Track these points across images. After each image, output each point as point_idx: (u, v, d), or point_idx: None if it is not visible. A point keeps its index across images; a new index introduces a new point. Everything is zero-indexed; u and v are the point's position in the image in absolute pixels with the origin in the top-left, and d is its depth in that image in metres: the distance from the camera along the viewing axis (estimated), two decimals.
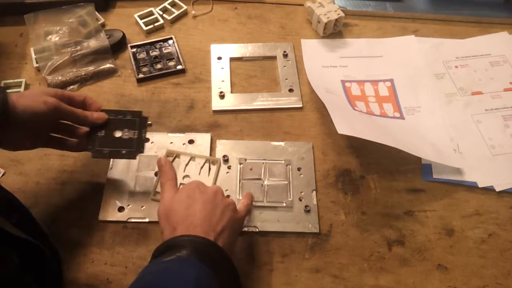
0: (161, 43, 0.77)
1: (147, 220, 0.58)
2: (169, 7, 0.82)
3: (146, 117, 0.59)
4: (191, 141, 0.65)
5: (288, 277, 0.54)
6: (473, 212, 0.60)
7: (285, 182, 0.61)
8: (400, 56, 0.76)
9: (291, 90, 0.71)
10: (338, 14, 0.76)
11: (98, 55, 0.74)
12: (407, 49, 0.77)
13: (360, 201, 0.60)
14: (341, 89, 0.71)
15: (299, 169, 0.62)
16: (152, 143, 0.64)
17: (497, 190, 0.61)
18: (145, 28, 0.78)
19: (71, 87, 0.71)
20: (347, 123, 0.61)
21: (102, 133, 0.57)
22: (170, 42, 0.77)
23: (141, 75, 0.72)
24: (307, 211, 0.58)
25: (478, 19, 0.82)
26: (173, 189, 0.51)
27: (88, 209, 0.59)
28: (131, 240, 0.56)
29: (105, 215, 0.58)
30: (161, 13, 0.81)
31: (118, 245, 0.56)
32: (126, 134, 0.57)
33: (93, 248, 0.56)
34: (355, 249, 0.56)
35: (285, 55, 0.76)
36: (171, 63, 0.74)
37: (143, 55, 0.75)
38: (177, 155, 0.63)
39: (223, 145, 0.65)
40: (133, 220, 0.58)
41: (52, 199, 0.60)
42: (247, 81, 0.73)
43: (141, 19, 0.80)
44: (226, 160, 0.63)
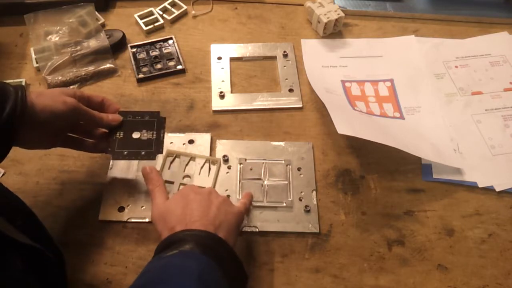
0: (161, 43, 0.77)
1: (147, 220, 0.58)
2: (169, 7, 0.82)
3: (164, 118, 0.59)
4: (191, 141, 0.65)
5: (288, 277, 0.54)
6: (473, 212, 0.60)
7: (285, 182, 0.61)
8: (400, 56, 0.76)
9: (291, 90, 0.71)
10: (338, 14, 0.76)
11: (98, 55, 0.74)
12: (407, 49, 0.77)
13: (360, 201, 0.60)
14: (341, 89, 0.71)
15: (299, 169, 0.62)
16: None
17: (497, 190, 0.61)
18: (145, 28, 0.78)
19: (71, 87, 0.71)
20: (347, 123, 0.61)
21: (120, 135, 0.57)
22: (170, 42, 0.77)
23: (141, 75, 0.72)
24: (307, 211, 0.58)
25: (478, 19, 0.82)
26: (163, 194, 0.51)
27: (88, 209, 0.59)
28: (131, 240, 0.56)
29: (105, 215, 0.58)
30: (161, 13, 0.81)
31: (118, 245, 0.56)
32: (144, 135, 0.58)
33: (93, 248, 0.56)
34: (355, 249, 0.56)
35: (285, 55, 0.76)
36: (171, 63, 0.74)
37: (143, 55, 0.75)
38: (177, 155, 0.63)
39: (223, 145, 0.65)
40: (133, 220, 0.58)
41: (52, 199, 0.60)
42: (247, 81, 0.73)
43: (141, 19, 0.80)
44: (226, 160, 0.63)
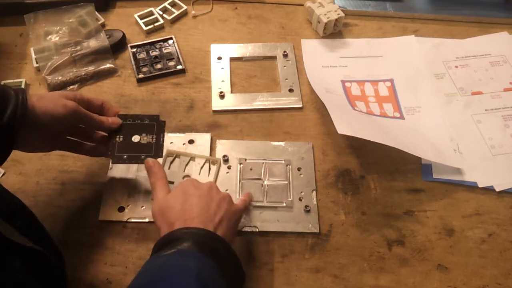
0: (161, 43, 0.77)
1: (147, 220, 0.58)
2: (169, 7, 0.82)
3: (164, 121, 0.59)
4: (191, 141, 0.65)
5: (288, 277, 0.54)
6: (473, 212, 0.60)
7: (285, 182, 0.61)
8: (400, 56, 0.76)
9: (291, 90, 0.71)
10: (338, 14, 0.76)
11: (98, 55, 0.74)
12: (407, 49, 0.77)
13: (360, 201, 0.60)
14: (341, 89, 0.71)
15: (299, 169, 0.62)
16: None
17: (497, 190, 0.61)
18: (145, 28, 0.78)
19: (71, 87, 0.71)
20: (347, 123, 0.61)
21: (120, 139, 0.57)
22: (170, 42, 0.77)
23: (141, 75, 0.72)
24: (307, 211, 0.58)
25: (478, 19, 0.82)
26: (164, 188, 0.51)
27: (88, 209, 0.59)
28: (131, 240, 0.56)
29: (105, 215, 0.58)
30: (161, 13, 0.81)
31: (118, 245, 0.56)
32: (144, 138, 0.57)
33: (93, 248, 0.56)
34: (355, 249, 0.56)
35: (285, 55, 0.76)
36: (171, 63, 0.74)
37: (143, 55, 0.75)
38: (177, 155, 0.63)
39: (223, 145, 0.65)
40: (133, 220, 0.58)
41: (52, 199, 0.60)
42: (247, 81, 0.73)
43: (141, 19, 0.80)
44: (226, 160, 0.63)
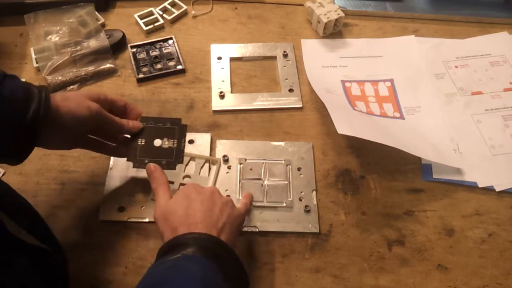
0: (161, 43, 0.77)
1: (147, 220, 0.58)
2: (169, 7, 0.82)
3: (185, 125, 0.59)
4: (191, 141, 0.65)
5: (288, 277, 0.54)
6: (473, 212, 0.60)
7: (285, 182, 0.61)
8: (400, 56, 0.76)
9: (291, 90, 0.71)
10: (338, 14, 0.76)
11: (98, 55, 0.74)
12: (407, 49, 0.77)
13: (360, 201, 0.60)
14: (341, 89, 0.71)
15: (299, 169, 0.62)
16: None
17: (497, 190, 0.61)
18: (145, 28, 0.78)
19: (71, 87, 0.71)
20: (347, 123, 0.61)
21: (142, 142, 0.57)
22: (170, 42, 0.77)
23: (141, 75, 0.72)
24: (307, 211, 0.58)
25: (478, 19, 0.82)
26: (166, 193, 0.51)
27: (88, 209, 0.59)
28: (131, 240, 0.56)
29: (105, 215, 0.58)
30: (161, 13, 0.81)
31: (118, 245, 0.56)
32: (165, 143, 0.58)
33: (93, 248, 0.56)
34: (355, 249, 0.56)
35: (285, 55, 0.76)
36: (171, 63, 0.74)
37: (143, 55, 0.75)
38: None
39: (223, 145, 0.65)
40: (133, 220, 0.58)
41: (52, 199, 0.60)
42: (247, 81, 0.73)
43: (141, 19, 0.80)
44: (226, 160, 0.63)
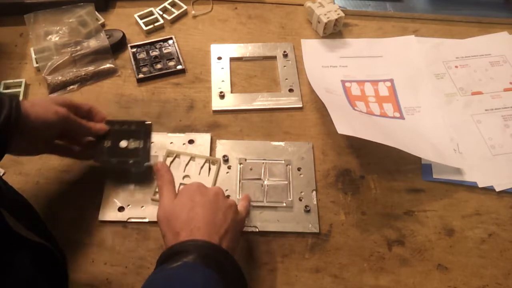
0: (161, 43, 0.77)
1: (147, 220, 0.58)
2: (169, 7, 0.82)
3: (150, 124, 0.60)
4: (191, 141, 0.65)
5: (288, 277, 0.54)
6: (473, 212, 0.60)
7: (285, 182, 0.61)
8: (400, 56, 0.76)
9: (291, 90, 0.71)
10: (338, 14, 0.76)
11: (98, 55, 0.74)
12: (407, 49, 0.77)
13: (360, 201, 0.60)
14: (341, 89, 0.71)
15: (299, 169, 0.62)
16: (152, 143, 0.64)
17: (497, 190, 0.61)
18: (145, 28, 0.78)
19: (71, 87, 0.71)
20: (347, 123, 0.61)
21: (108, 144, 0.58)
22: (170, 42, 0.77)
23: (141, 75, 0.72)
24: (307, 211, 0.58)
25: (478, 19, 0.82)
26: (171, 193, 0.50)
27: (88, 209, 0.59)
28: (131, 240, 0.56)
29: (105, 215, 0.58)
30: (161, 13, 0.81)
31: (118, 245, 0.56)
32: (131, 144, 0.59)
33: (93, 248, 0.56)
34: (355, 249, 0.56)
35: (285, 55, 0.76)
36: (171, 63, 0.74)
37: (143, 55, 0.75)
38: (177, 155, 0.63)
39: (223, 145, 0.65)
40: (133, 220, 0.58)
41: (52, 199, 0.60)
42: (247, 81, 0.73)
43: (141, 19, 0.80)
44: (226, 160, 0.63)
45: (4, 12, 0.79)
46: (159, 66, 0.74)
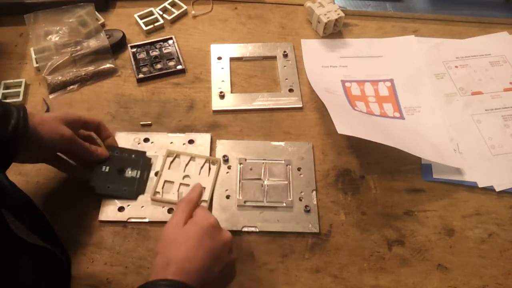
0: (161, 43, 0.77)
1: (147, 220, 0.58)
2: (169, 7, 0.82)
3: (150, 158, 0.62)
4: (191, 141, 0.65)
5: (288, 277, 0.54)
6: (473, 212, 0.60)
7: (285, 182, 0.61)
8: (400, 56, 0.76)
9: (291, 90, 0.71)
10: (338, 14, 0.76)
11: (98, 55, 0.74)
12: (407, 49, 0.77)
13: (360, 201, 0.60)
14: (341, 89, 0.71)
15: (299, 169, 0.62)
16: (152, 143, 0.64)
17: (497, 190, 0.61)
18: (145, 28, 0.78)
19: (71, 87, 0.71)
20: (347, 123, 0.61)
21: (106, 169, 0.59)
22: (170, 42, 0.77)
23: (141, 75, 0.72)
24: (307, 211, 0.58)
25: (478, 19, 0.82)
26: (184, 213, 0.48)
27: (88, 209, 0.59)
28: (131, 240, 0.56)
29: (105, 215, 0.58)
30: (161, 13, 0.81)
31: (118, 245, 0.56)
32: (129, 172, 0.60)
33: (93, 248, 0.56)
34: (355, 249, 0.56)
35: (285, 55, 0.76)
36: (171, 63, 0.74)
37: (143, 55, 0.75)
38: (177, 155, 0.63)
39: (223, 145, 0.65)
40: (133, 220, 0.58)
41: (52, 199, 0.60)
42: (247, 81, 0.73)
43: (141, 19, 0.80)
44: (226, 160, 0.63)
45: (4, 12, 0.79)
46: (159, 66, 0.74)
